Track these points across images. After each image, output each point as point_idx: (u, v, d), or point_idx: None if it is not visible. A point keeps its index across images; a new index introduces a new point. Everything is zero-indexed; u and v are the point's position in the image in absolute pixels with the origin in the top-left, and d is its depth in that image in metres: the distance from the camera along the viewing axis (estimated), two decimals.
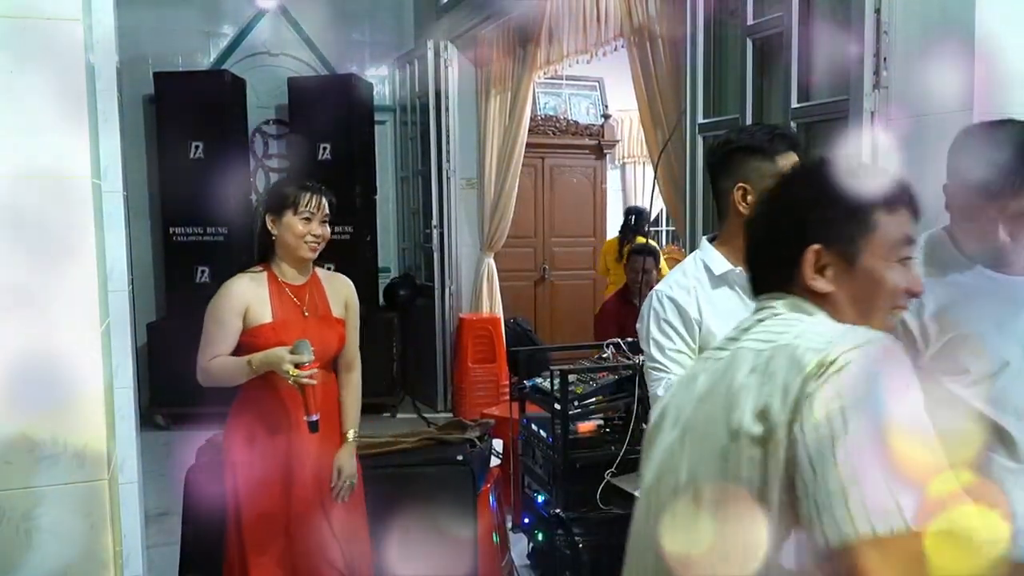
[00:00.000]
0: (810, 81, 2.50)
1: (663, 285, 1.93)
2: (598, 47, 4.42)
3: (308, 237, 2.25)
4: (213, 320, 2.27)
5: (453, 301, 5.78)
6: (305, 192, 2.26)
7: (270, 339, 2.22)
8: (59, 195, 1.60)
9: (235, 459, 2.31)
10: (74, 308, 1.63)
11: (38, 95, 1.58)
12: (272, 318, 2.26)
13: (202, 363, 2.28)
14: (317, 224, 2.26)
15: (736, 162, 1.84)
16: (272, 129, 6.30)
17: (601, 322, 5.07)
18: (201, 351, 2.28)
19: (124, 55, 2.85)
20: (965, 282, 1.62)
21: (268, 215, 2.28)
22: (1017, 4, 1.99)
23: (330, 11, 6.28)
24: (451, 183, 5.67)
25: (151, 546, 2.62)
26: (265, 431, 2.30)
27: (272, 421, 2.29)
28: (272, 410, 2.29)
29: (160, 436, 5.31)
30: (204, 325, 2.29)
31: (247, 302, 2.26)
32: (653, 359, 1.89)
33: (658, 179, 3.75)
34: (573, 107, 7.47)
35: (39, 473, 1.63)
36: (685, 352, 1.87)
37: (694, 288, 1.88)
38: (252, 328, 2.26)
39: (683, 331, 1.86)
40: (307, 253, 2.28)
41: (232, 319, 2.25)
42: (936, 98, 2.06)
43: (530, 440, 3.27)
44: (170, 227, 5.61)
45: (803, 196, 1.13)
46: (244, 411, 2.34)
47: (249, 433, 2.31)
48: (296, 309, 2.30)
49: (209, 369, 2.27)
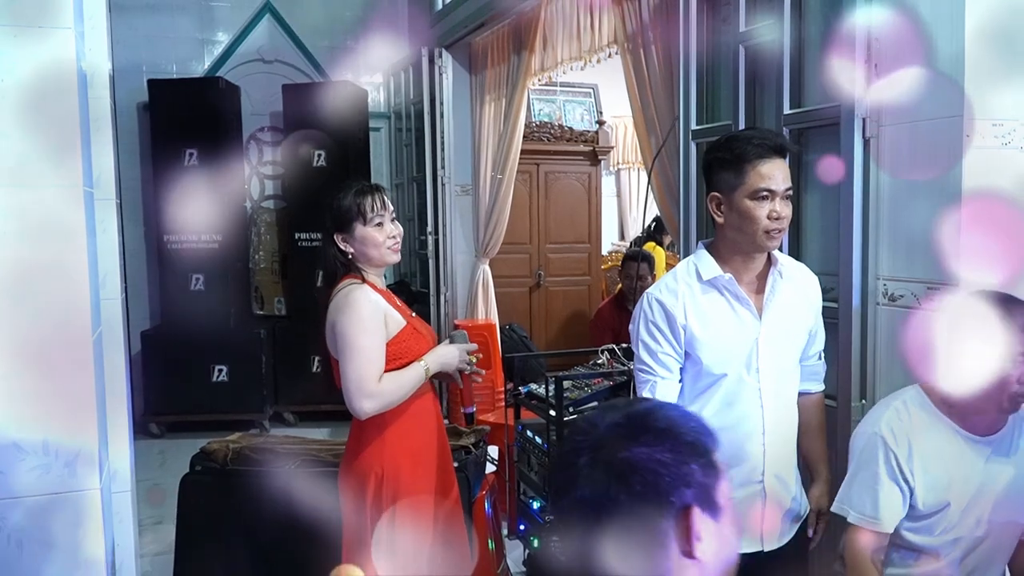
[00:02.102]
0: (802, 87, 2.51)
1: (654, 288, 1.94)
2: (592, 54, 4.43)
3: (388, 241, 2.17)
4: (364, 333, 2.04)
5: (448, 308, 5.77)
6: (365, 197, 2.14)
7: (415, 343, 2.14)
8: (50, 203, 1.60)
9: (405, 486, 2.09)
10: (65, 316, 1.62)
11: (29, 103, 1.58)
12: (405, 321, 2.15)
13: (371, 387, 2.01)
14: (389, 224, 2.18)
15: (712, 171, 1.90)
16: (267, 136, 6.30)
17: (597, 328, 5.08)
18: (361, 375, 2.01)
19: (118, 62, 2.85)
20: (943, 438, 1.77)
21: (337, 235, 2.15)
22: (1006, 11, 2.00)
23: (324, 18, 6.29)
24: (446, 190, 5.67)
25: (145, 555, 2.62)
26: (426, 447, 2.15)
27: (429, 434, 2.16)
28: (428, 421, 2.16)
29: (154, 444, 5.29)
30: (350, 345, 2.03)
31: (384, 309, 2.11)
32: (641, 361, 1.91)
33: (652, 185, 3.76)
34: (568, 113, 7.48)
35: (31, 482, 1.62)
36: (672, 355, 1.89)
37: (683, 292, 1.89)
38: (395, 335, 2.11)
39: (669, 334, 1.88)
40: (392, 257, 2.20)
41: (382, 327, 2.08)
42: (927, 104, 2.07)
43: (525, 447, 3.26)
44: (164, 234, 5.60)
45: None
46: (404, 429, 2.12)
47: (413, 457, 2.13)
48: (407, 311, 2.23)
49: (384, 390, 2.03)
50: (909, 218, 2.15)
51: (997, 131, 1.99)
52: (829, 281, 2.45)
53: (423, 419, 2.17)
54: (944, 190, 2.02)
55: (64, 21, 1.59)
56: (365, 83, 6.37)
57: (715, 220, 1.89)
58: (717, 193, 1.87)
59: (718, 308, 1.89)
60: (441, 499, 2.19)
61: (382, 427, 2.11)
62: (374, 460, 2.11)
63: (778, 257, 1.94)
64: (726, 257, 1.90)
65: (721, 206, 1.87)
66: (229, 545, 2.80)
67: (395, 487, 2.09)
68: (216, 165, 5.56)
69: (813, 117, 2.44)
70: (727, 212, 1.86)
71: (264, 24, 6.20)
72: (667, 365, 1.89)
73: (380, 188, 2.20)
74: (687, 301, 1.88)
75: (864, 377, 2.26)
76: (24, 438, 1.60)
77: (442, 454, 2.24)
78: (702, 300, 1.89)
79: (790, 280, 1.95)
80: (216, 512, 2.84)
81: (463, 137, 5.76)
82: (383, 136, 6.50)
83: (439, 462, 2.20)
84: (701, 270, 1.90)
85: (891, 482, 1.73)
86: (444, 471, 2.22)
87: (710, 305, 1.89)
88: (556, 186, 6.90)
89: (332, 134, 5.75)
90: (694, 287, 1.90)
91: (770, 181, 1.80)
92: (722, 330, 1.89)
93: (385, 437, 2.11)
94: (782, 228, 1.84)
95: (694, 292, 1.89)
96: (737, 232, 1.86)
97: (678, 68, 3.03)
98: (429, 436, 2.19)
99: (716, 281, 1.89)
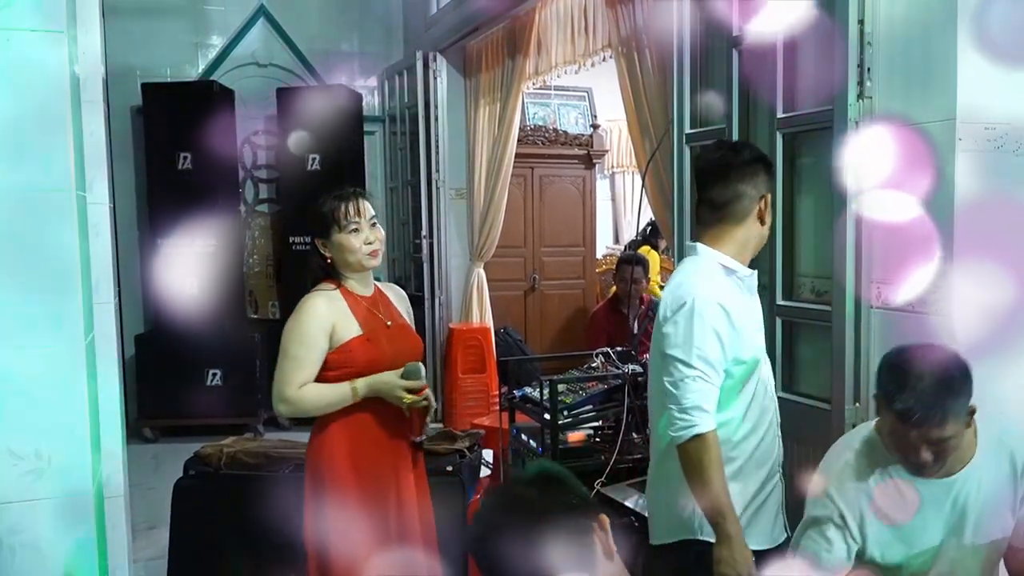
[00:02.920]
0: (795, 91, 2.51)
1: (704, 291, 1.85)
2: (586, 58, 4.44)
3: (363, 247, 2.16)
4: (298, 342, 2.09)
5: (443, 311, 5.77)
6: (341, 203, 2.15)
7: (363, 354, 2.12)
8: (42, 207, 1.60)
9: (341, 491, 2.12)
10: (58, 321, 1.62)
11: (21, 107, 1.57)
12: (362, 330, 2.15)
13: (288, 393, 2.07)
14: (367, 230, 2.17)
15: (763, 173, 1.94)
16: (261, 140, 6.29)
17: (591, 331, 5.07)
18: (284, 379, 2.08)
19: (111, 66, 2.85)
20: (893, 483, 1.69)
21: (317, 240, 2.18)
22: (999, 14, 2.01)
23: (319, 22, 6.29)
24: (440, 193, 5.67)
25: (139, 560, 2.61)
26: (370, 460, 2.15)
27: (378, 448, 2.16)
28: (377, 437, 2.16)
29: (148, 449, 5.27)
30: (284, 349, 2.10)
31: (333, 319, 2.12)
32: (693, 367, 1.81)
33: (646, 189, 3.77)
34: (562, 117, 7.49)
35: (23, 488, 1.61)
36: (723, 362, 1.84)
37: (725, 292, 1.88)
38: (342, 344, 2.12)
39: (727, 340, 1.83)
40: (369, 261, 2.18)
41: (321, 338, 2.10)
42: (919, 108, 2.08)
43: (520, 450, 3.26)
44: (158, 238, 5.59)
45: None
46: (343, 436, 2.15)
47: (354, 463, 2.15)
48: (378, 320, 2.20)
49: (302, 398, 2.07)
50: (902, 222, 2.15)
51: (989, 134, 2.00)
52: (823, 284, 2.46)
53: (361, 432, 2.16)
54: (937, 193, 2.02)
55: (57, 24, 1.59)
56: (360, 87, 6.37)
57: (761, 220, 1.94)
58: (769, 195, 1.96)
59: (749, 303, 1.96)
60: (376, 508, 2.15)
61: (321, 427, 2.18)
62: (312, 455, 2.20)
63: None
64: (743, 256, 1.95)
65: (767, 208, 1.94)
66: (223, 550, 2.79)
67: (328, 480, 2.15)
68: (210, 169, 5.55)
69: (806, 121, 2.45)
70: (767, 215, 1.95)
71: (258, 28, 6.19)
72: (720, 372, 1.84)
73: (359, 194, 2.20)
74: (734, 302, 1.88)
75: (857, 381, 2.26)
76: (16, 443, 1.60)
77: (376, 468, 2.18)
78: (737, 297, 1.92)
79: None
80: (210, 517, 2.83)
81: (458, 141, 5.77)
82: (377, 140, 6.50)
83: (373, 473, 2.17)
84: (735, 268, 1.92)
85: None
86: (378, 484, 2.18)
87: (742, 300, 1.94)
88: (551, 189, 6.91)
89: (326, 138, 5.75)
90: (729, 286, 1.91)
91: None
92: (751, 323, 1.95)
93: (324, 433, 2.17)
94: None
95: (731, 290, 1.91)
96: (761, 234, 1.96)
97: (672, 72, 3.04)
98: (370, 454, 2.16)
99: (749, 277, 1.95)
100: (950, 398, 1.54)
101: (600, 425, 3.02)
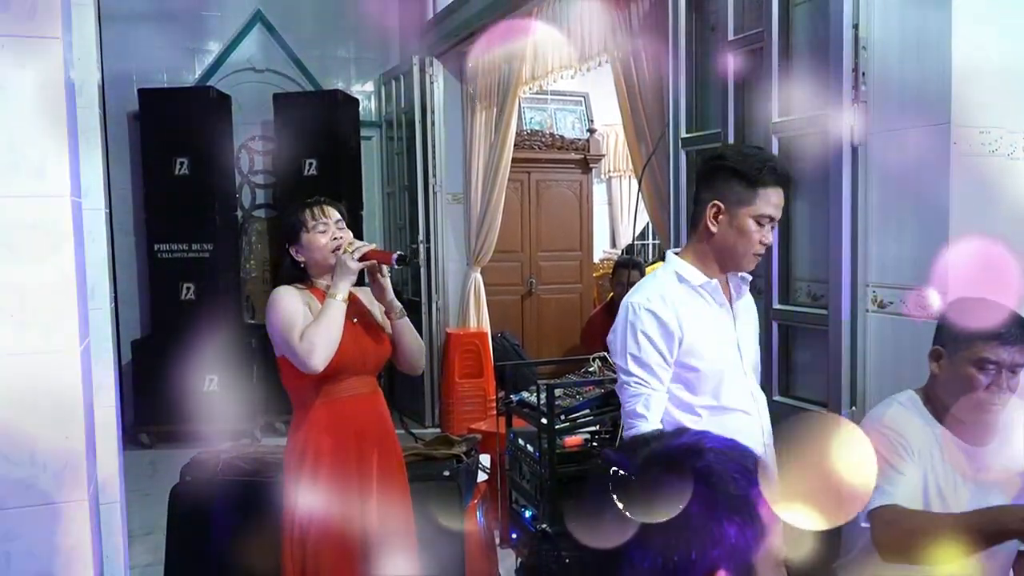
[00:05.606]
0: (790, 96, 2.52)
1: (638, 298, 1.90)
2: (583, 62, 4.45)
3: (331, 244, 2.28)
4: (284, 310, 2.21)
5: (440, 316, 5.77)
6: (307, 208, 2.31)
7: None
8: (38, 213, 1.59)
9: (322, 468, 2.26)
10: (53, 326, 1.61)
11: (17, 112, 1.57)
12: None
13: (300, 344, 2.15)
14: (334, 229, 2.30)
15: (720, 179, 1.85)
16: (258, 145, 6.29)
17: (588, 335, 5.08)
18: (292, 338, 2.16)
19: (108, 72, 2.84)
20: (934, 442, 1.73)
21: (289, 247, 2.32)
22: (993, 19, 2.02)
23: (315, 27, 6.30)
24: (437, 198, 5.68)
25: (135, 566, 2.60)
26: (340, 444, 2.29)
27: (347, 435, 2.30)
28: (345, 426, 2.31)
29: (145, 455, 5.26)
30: (278, 319, 2.21)
31: (303, 304, 2.24)
32: (630, 373, 1.87)
33: (643, 193, 3.77)
34: (559, 122, 7.50)
35: (17, 494, 1.61)
36: (663, 366, 1.86)
37: (672, 301, 1.87)
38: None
39: (662, 344, 1.85)
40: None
41: (299, 305, 2.22)
42: (914, 112, 2.08)
43: (517, 455, 3.26)
44: (155, 244, 5.58)
45: None
46: (320, 422, 2.30)
47: (316, 453, 2.27)
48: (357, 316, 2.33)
49: (311, 336, 2.14)
50: (898, 225, 2.16)
51: (984, 139, 2.01)
52: (819, 288, 2.46)
53: (334, 421, 2.30)
54: (932, 197, 2.03)
55: (53, 30, 1.59)
56: (356, 92, 6.37)
57: (707, 227, 1.86)
58: (720, 202, 1.83)
59: (705, 312, 1.90)
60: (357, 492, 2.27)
61: (303, 413, 2.33)
62: (293, 441, 2.34)
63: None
64: (706, 264, 1.90)
65: (719, 216, 1.84)
66: (220, 556, 2.78)
67: (313, 456, 2.27)
68: (207, 174, 5.54)
69: (801, 125, 2.46)
70: (724, 223, 1.84)
71: (255, 33, 6.20)
72: (660, 377, 1.86)
73: (325, 200, 2.35)
74: (679, 310, 1.86)
75: (854, 383, 2.26)
76: (11, 449, 1.59)
77: (341, 454, 2.30)
78: (692, 307, 1.89)
79: (746, 284, 1.99)
80: (207, 523, 2.82)
81: (454, 145, 5.78)
82: (374, 145, 6.50)
83: (349, 467, 2.29)
84: (688, 277, 1.89)
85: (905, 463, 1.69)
86: (353, 473, 2.29)
87: (698, 310, 1.89)
88: (547, 194, 6.91)
89: (323, 143, 5.75)
90: (681, 295, 1.89)
91: (775, 210, 1.83)
92: (712, 335, 1.90)
93: (306, 421, 2.31)
94: (762, 255, 1.90)
95: (683, 299, 1.89)
96: (724, 246, 1.86)
97: (667, 77, 3.05)
98: (341, 439, 2.29)
99: (704, 287, 1.89)
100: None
101: (597, 429, 3.02)
